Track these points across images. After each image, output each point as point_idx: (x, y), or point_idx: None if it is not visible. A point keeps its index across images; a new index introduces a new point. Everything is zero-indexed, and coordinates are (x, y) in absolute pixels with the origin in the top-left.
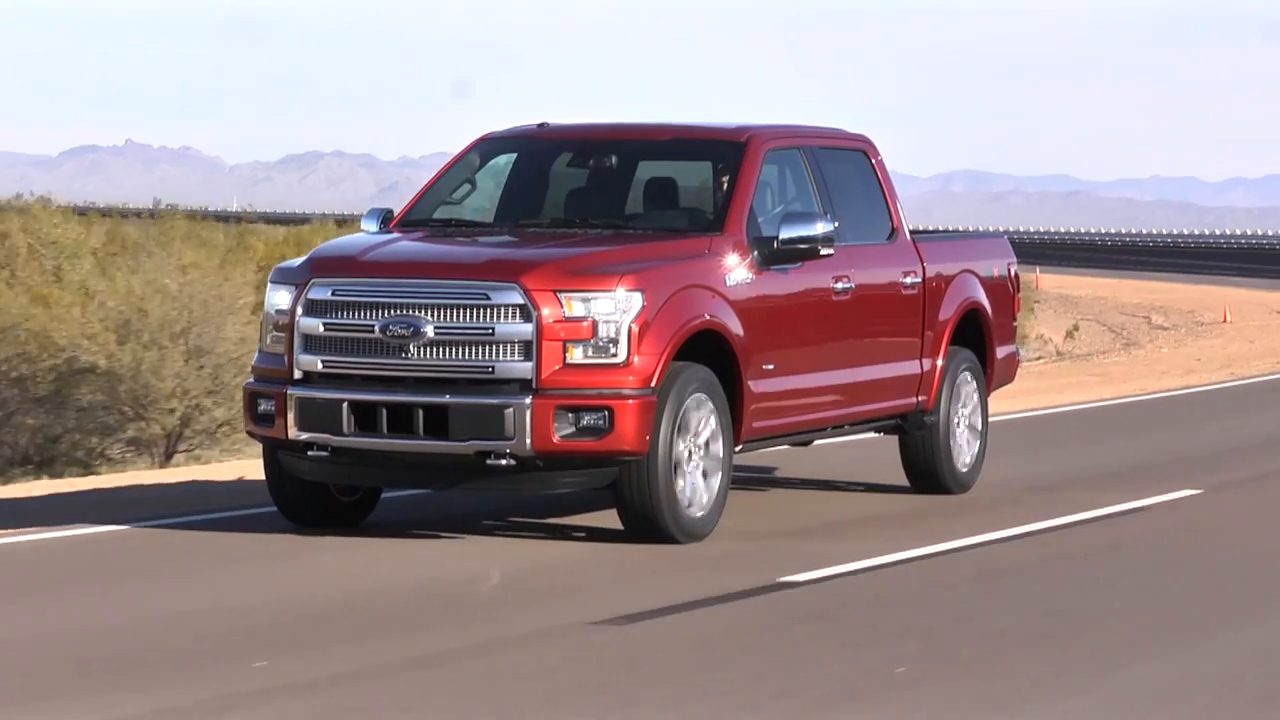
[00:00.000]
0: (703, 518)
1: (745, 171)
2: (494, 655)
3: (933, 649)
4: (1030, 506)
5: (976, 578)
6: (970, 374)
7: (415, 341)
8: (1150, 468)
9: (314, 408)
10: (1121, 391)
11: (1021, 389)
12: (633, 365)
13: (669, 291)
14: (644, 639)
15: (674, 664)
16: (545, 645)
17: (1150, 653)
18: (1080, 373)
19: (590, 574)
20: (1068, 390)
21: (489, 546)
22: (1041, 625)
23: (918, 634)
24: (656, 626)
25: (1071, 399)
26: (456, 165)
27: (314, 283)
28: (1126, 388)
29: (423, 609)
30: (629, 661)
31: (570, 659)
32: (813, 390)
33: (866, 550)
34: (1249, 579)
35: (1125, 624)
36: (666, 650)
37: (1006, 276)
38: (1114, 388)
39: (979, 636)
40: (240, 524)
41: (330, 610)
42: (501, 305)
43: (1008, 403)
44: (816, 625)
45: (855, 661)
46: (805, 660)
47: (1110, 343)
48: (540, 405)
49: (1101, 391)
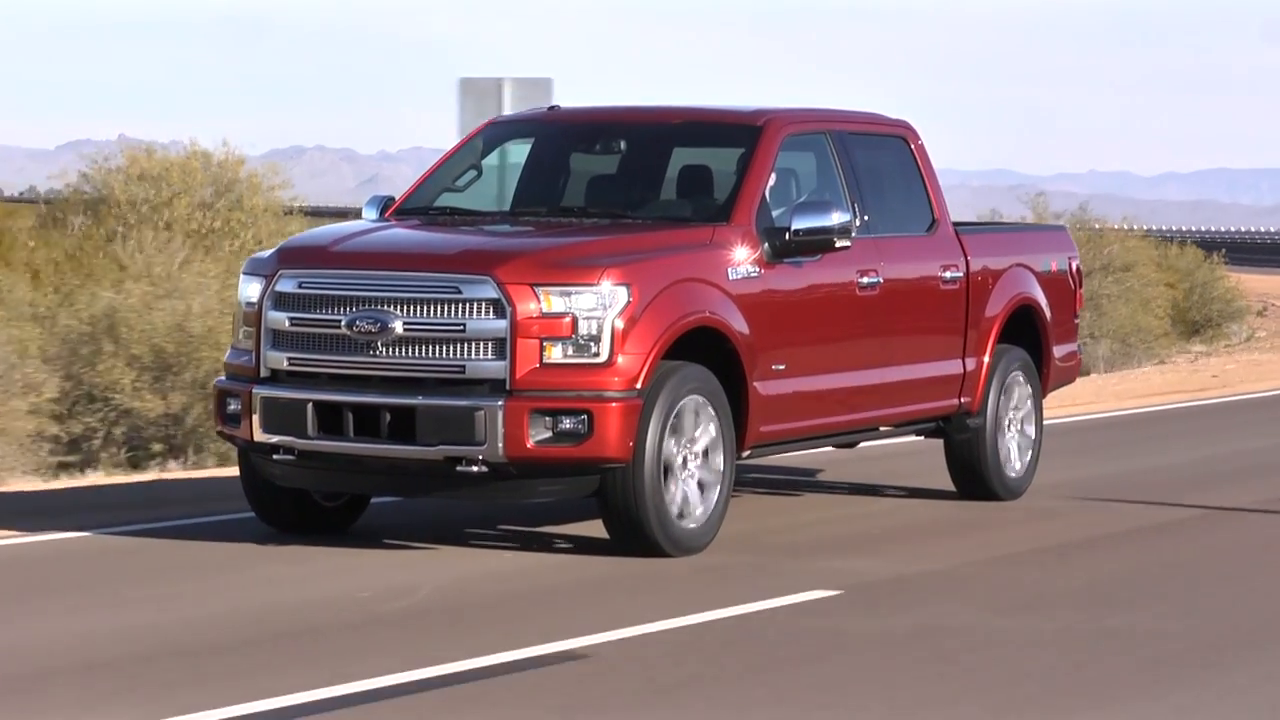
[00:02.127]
0: (697, 529)
1: (759, 157)
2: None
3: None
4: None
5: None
6: (1023, 374)
7: (383, 338)
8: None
9: (278, 408)
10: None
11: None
12: (616, 365)
13: (660, 285)
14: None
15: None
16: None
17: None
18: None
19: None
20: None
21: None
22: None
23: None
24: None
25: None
26: (461, 151)
27: (281, 274)
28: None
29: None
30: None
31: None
32: (832, 392)
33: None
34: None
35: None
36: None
37: (1067, 271)
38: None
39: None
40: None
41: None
42: (473, 300)
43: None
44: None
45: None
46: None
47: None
48: (513, 408)
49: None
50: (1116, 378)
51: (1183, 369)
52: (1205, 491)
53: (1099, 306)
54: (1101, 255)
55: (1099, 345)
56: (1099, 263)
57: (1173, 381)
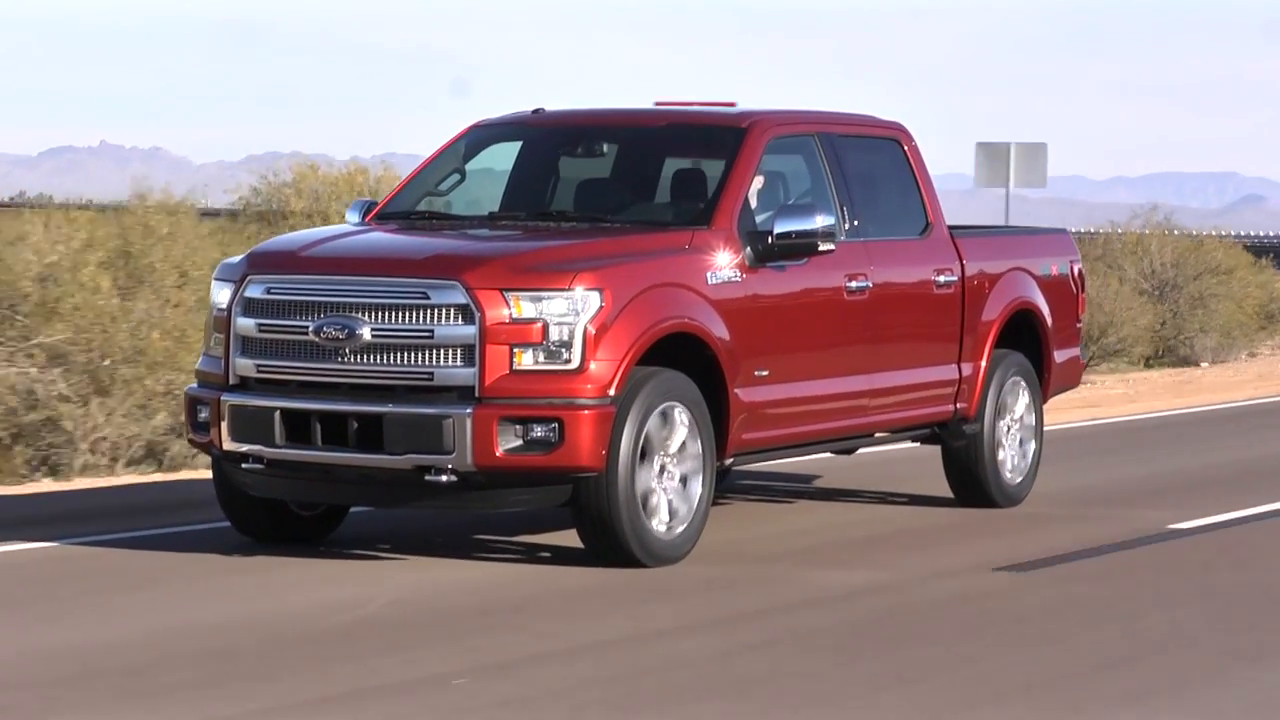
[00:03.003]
0: (675, 539)
1: (742, 160)
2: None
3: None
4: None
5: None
6: (1022, 379)
7: (351, 344)
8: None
9: (246, 416)
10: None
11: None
12: (588, 372)
13: (634, 290)
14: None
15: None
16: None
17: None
18: None
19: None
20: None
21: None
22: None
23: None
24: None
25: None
26: (444, 155)
27: (250, 279)
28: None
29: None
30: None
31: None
32: (818, 398)
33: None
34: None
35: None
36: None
37: (1068, 275)
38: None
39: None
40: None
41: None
42: (441, 305)
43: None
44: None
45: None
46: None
47: None
48: (482, 415)
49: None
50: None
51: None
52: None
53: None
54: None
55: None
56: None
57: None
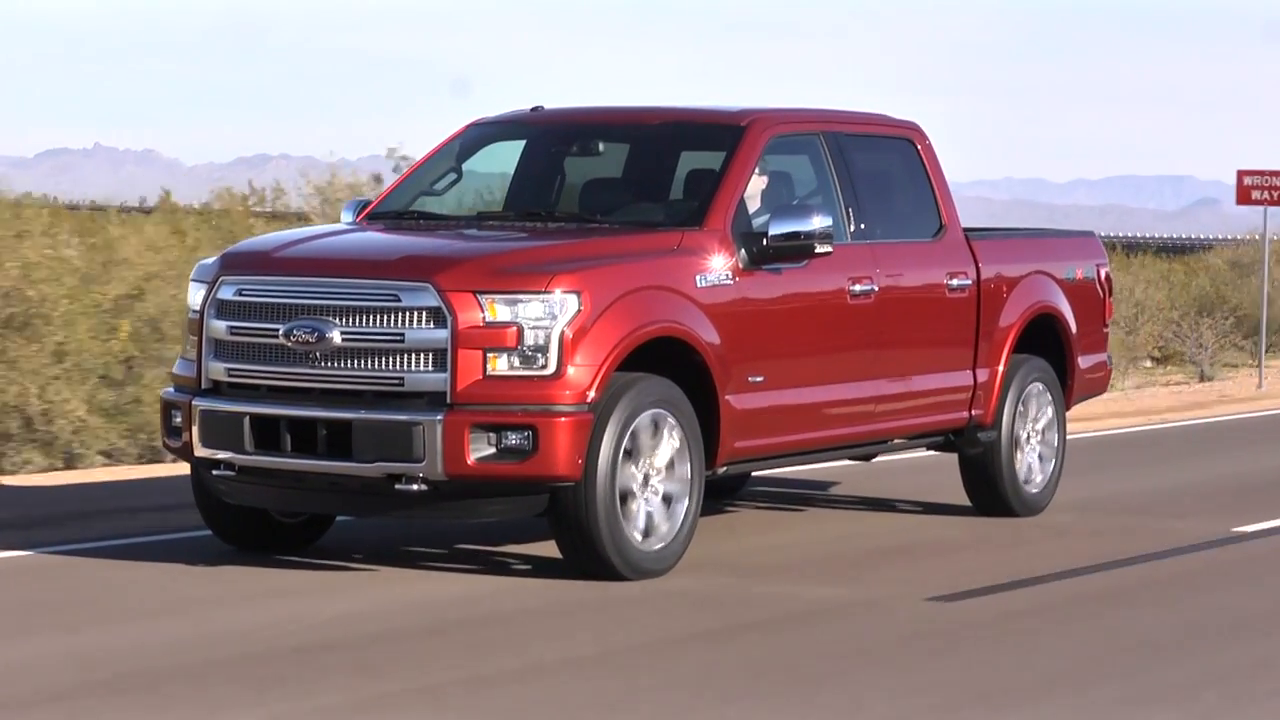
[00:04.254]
0: (659, 551)
1: (739, 159)
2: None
3: None
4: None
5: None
6: (1044, 385)
7: (322, 348)
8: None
9: (216, 421)
10: None
11: None
12: (565, 378)
13: (615, 293)
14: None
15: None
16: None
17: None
18: None
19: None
20: None
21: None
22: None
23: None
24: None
25: None
26: (440, 153)
27: (223, 281)
28: None
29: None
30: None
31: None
32: (819, 405)
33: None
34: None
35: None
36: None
37: (1095, 278)
38: None
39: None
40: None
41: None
42: (412, 308)
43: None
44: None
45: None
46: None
47: None
48: (453, 422)
49: None
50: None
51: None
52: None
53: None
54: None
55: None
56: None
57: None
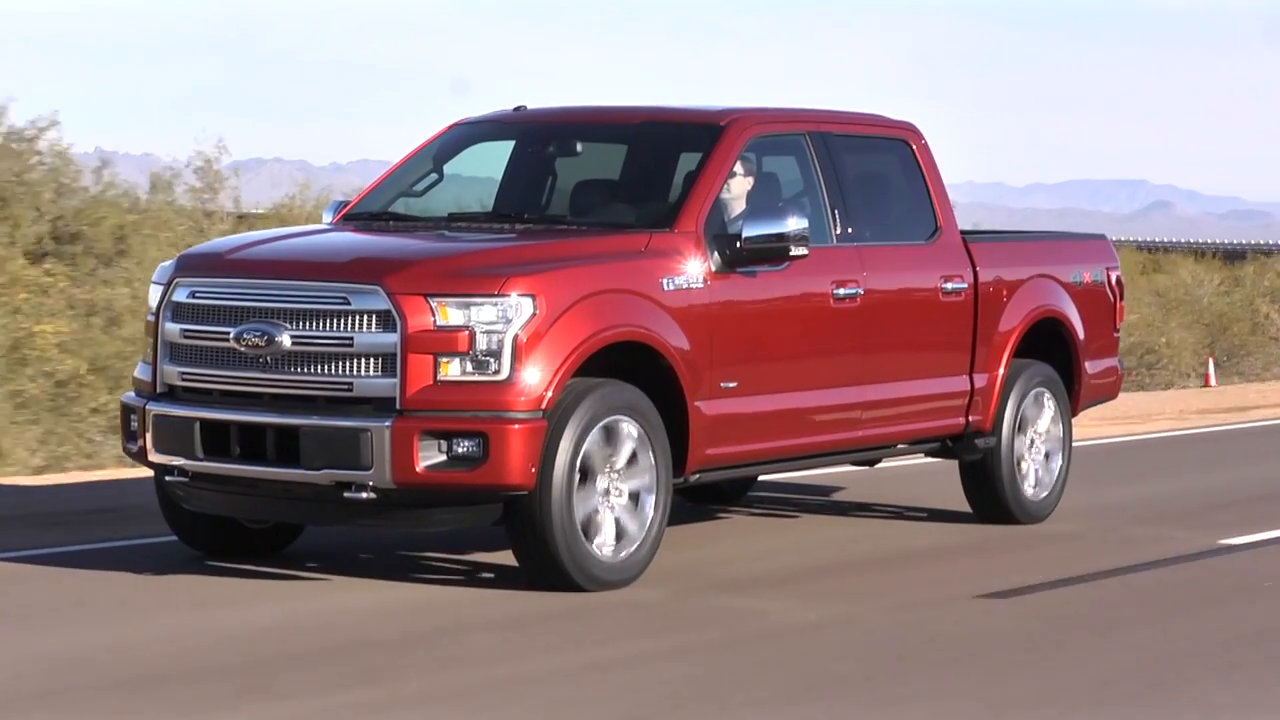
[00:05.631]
0: (622, 561)
1: (715, 159)
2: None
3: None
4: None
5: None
6: (1048, 390)
7: (272, 352)
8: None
9: (168, 426)
10: None
11: None
12: (518, 383)
13: (573, 297)
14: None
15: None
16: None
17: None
18: None
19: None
20: None
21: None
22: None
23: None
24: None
25: None
26: (419, 154)
27: (177, 283)
28: None
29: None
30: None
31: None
32: (800, 411)
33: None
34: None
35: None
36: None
37: (1104, 282)
38: None
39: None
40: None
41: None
42: (362, 311)
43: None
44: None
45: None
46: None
47: None
48: (401, 429)
49: None
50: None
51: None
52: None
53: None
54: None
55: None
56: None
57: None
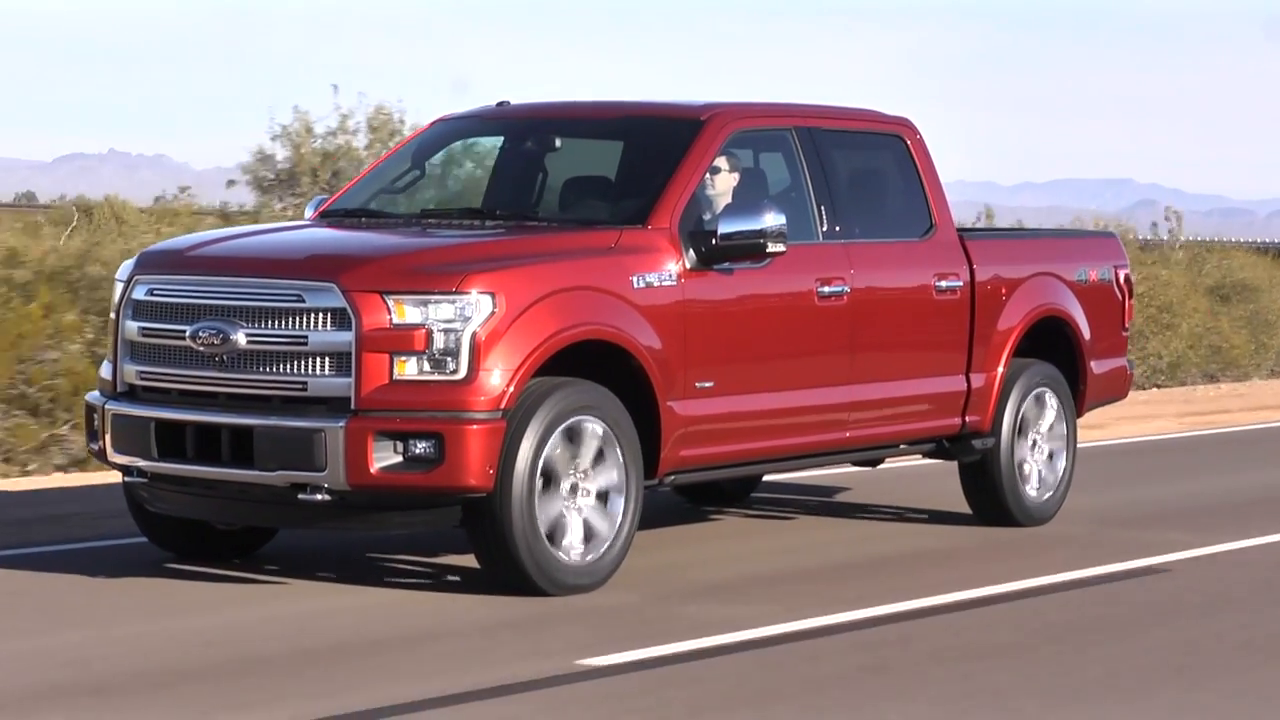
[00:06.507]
0: (588, 564)
1: (692, 155)
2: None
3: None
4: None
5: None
6: (1051, 391)
7: (227, 350)
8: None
9: (126, 426)
10: None
11: None
12: (476, 383)
13: (536, 294)
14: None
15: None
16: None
17: None
18: None
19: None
20: None
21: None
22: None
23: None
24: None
25: None
26: (400, 150)
27: (136, 280)
28: None
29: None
30: None
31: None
32: (781, 411)
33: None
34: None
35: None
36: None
37: (1111, 280)
38: None
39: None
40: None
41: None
42: (316, 309)
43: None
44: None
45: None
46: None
47: None
48: (355, 429)
49: None
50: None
51: None
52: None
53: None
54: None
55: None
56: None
57: None
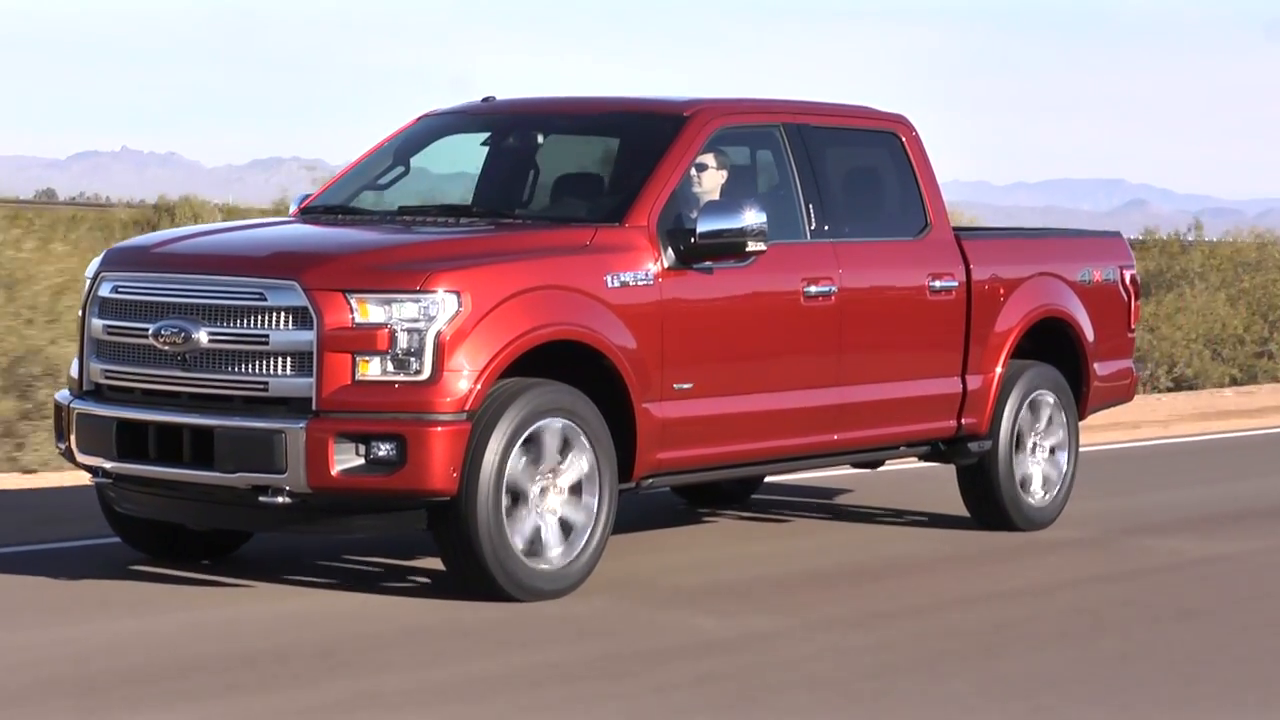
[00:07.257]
0: (560, 569)
1: (674, 151)
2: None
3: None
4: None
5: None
6: (1051, 393)
7: (189, 349)
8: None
9: (90, 425)
10: None
11: None
12: (440, 384)
13: (503, 293)
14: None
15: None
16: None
17: None
18: None
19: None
20: None
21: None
22: None
23: None
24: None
25: None
26: (384, 147)
27: (102, 277)
28: None
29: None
30: None
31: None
32: (764, 414)
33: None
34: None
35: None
36: None
37: (1116, 281)
38: None
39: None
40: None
41: None
42: (278, 308)
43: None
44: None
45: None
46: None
47: None
48: (316, 430)
49: None
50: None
51: None
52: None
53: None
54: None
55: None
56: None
57: None
